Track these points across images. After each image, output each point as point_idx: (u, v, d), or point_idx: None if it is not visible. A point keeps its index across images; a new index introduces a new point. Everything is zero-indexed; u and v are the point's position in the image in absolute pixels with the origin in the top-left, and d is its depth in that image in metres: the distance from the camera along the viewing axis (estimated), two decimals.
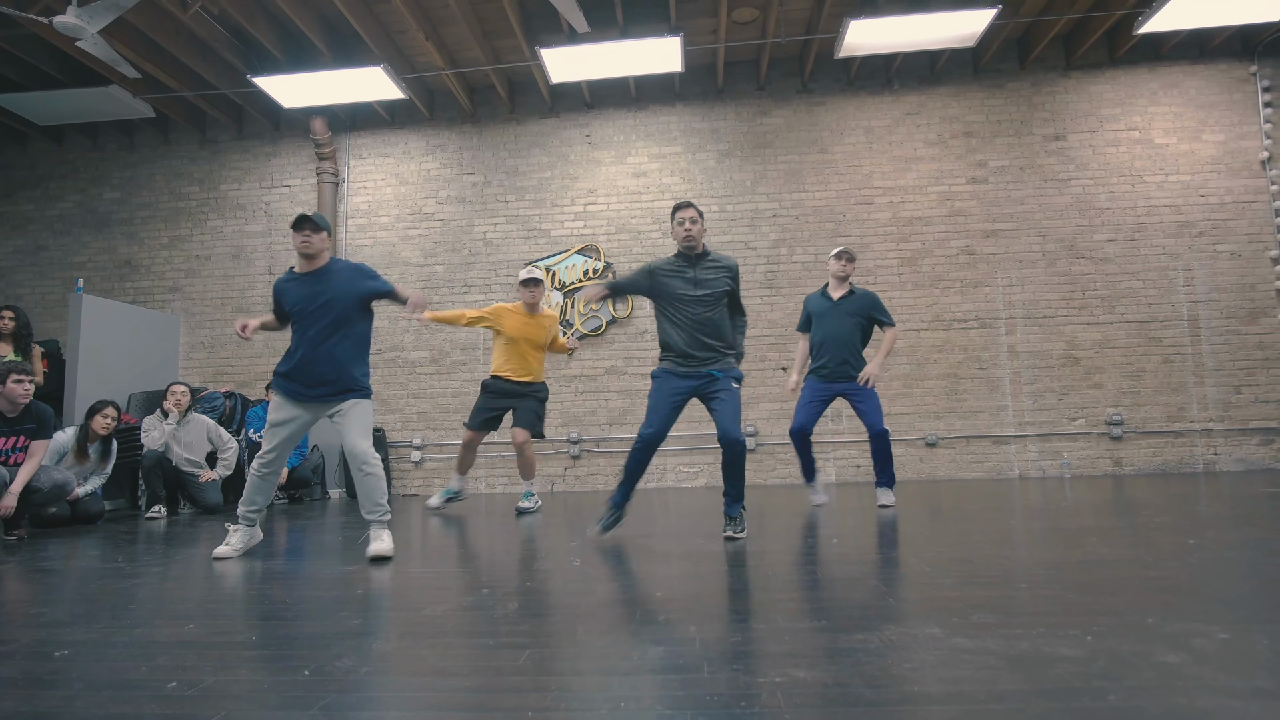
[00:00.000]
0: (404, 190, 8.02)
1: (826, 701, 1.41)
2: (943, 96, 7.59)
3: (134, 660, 1.80)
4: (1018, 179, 7.41)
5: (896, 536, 3.53)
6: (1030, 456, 7.09)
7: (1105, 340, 7.14)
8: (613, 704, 1.43)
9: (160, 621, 2.21)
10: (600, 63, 6.50)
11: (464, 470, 5.50)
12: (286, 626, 2.11)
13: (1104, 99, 7.42)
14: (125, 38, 6.30)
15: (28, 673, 1.73)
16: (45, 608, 2.49)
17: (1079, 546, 3.06)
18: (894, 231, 7.46)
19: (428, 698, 1.50)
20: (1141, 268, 7.19)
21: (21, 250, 8.41)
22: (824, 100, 7.70)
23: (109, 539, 4.42)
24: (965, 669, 1.56)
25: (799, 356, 5.18)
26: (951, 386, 7.23)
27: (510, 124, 7.98)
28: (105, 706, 1.48)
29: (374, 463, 3.50)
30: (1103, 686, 1.43)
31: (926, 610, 2.06)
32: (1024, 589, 2.31)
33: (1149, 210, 7.25)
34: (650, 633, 1.92)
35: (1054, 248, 7.29)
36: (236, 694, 1.54)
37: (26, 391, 4.47)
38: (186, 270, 8.15)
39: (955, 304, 7.31)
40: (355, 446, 3.47)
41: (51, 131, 8.34)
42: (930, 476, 7.14)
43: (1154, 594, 2.18)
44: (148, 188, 8.35)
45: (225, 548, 3.48)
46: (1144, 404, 7.05)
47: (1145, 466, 6.99)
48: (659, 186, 7.73)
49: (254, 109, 7.98)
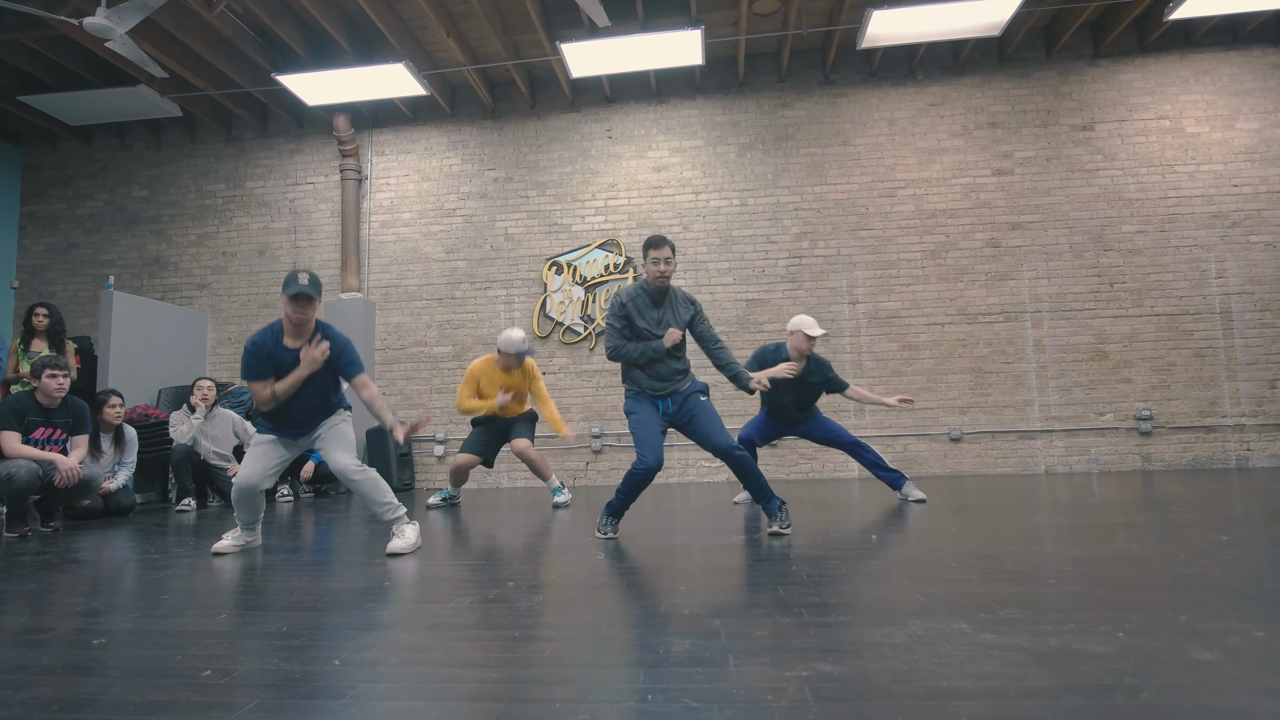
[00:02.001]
0: (426, 186, 8.07)
1: (853, 695, 1.40)
2: (967, 87, 7.49)
3: (168, 649, 1.84)
4: (1044, 170, 7.30)
5: (921, 532, 3.50)
6: (1057, 452, 7.00)
7: (1134, 333, 7.03)
8: (639, 696, 1.43)
9: (192, 611, 2.25)
10: (621, 56, 6.50)
11: (458, 485, 5.60)
12: (315, 618, 2.13)
13: (1133, 87, 7.28)
14: (153, 38, 6.39)
15: (67, 660, 1.77)
16: (82, 597, 2.54)
17: (1108, 542, 3.02)
18: (917, 224, 7.38)
19: (456, 689, 1.52)
20: (1172, 259, 7.06)
21: (54, 249, 8.57)
22: (846, 92, 7.63)
23: (140, 531, 4.50)
24: (993, 664, 1.55)
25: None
26: (976, 381, 7.15)
27: (531, 119, 8.00)
28: (142, 694, 1.52)
29: (357, 471, 3.43)
30: (1135, 684, 1.41)
31: (953, 605, 2.04)
32: (1052, 585, 2.29)
33: (1180, 201, 7.11)
34: (675, 626, 1.93)
35: (1081, 240, 7.18)
36: (269, 683, 1.56)
37: (61, 386, 4.56)
38: (213, 267, 8.27)
39: (980, 297, 7.23)
40: (338, 464, 3.44)
41: (81, 131, 8.50)
42: (954, 472, 7.08)
43: (1186, 591, 2.15)
44: (175, 186, 8.48)
45: (223, 542, 3.48)
46: (1174, 398, 6.93)
47: (1176, 462, 6.88)
48: (680, 180, 7.71)
49: (278, 107, 8.07)
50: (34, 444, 4.52)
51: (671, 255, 3.59)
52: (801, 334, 4.63)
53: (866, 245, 7.42)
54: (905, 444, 7.15)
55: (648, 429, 3.56)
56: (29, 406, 4.54)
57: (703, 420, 3.61)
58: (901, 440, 7.15)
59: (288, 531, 4.34)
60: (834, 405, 7.21)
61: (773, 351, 4.72)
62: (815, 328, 4.63)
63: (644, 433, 3.55)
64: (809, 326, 4.63)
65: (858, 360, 7.27)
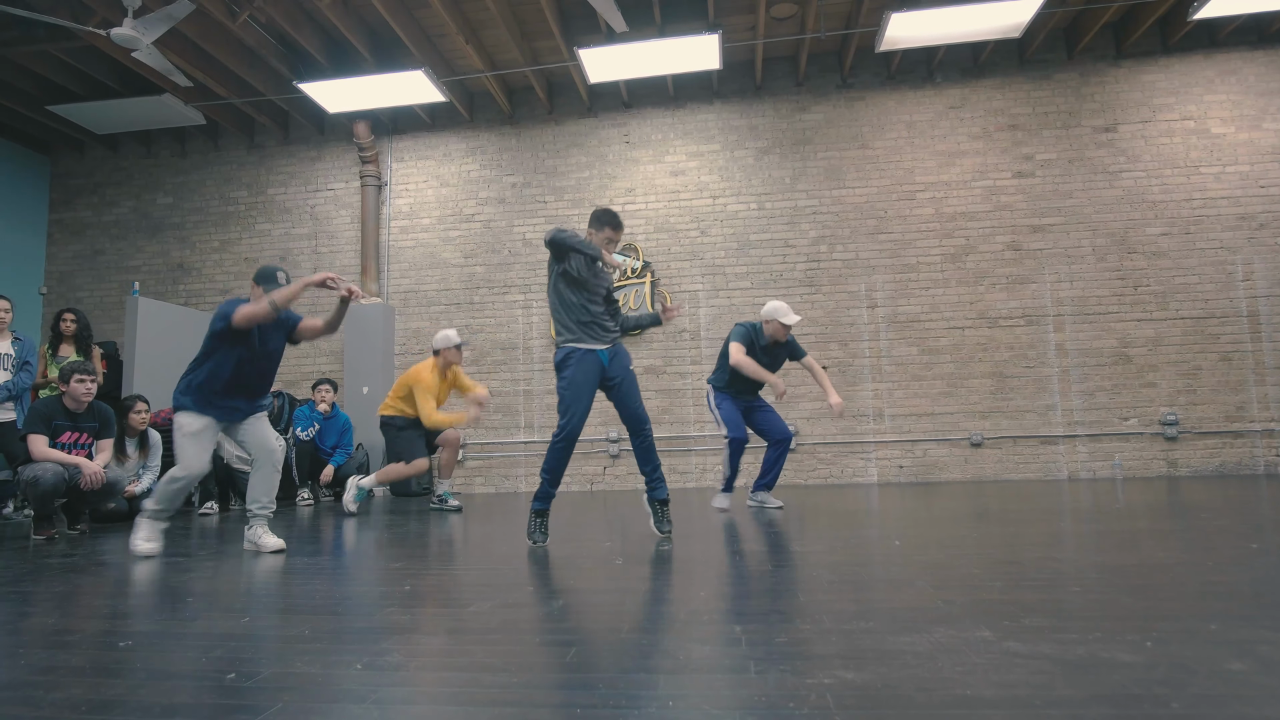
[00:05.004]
0: (445, 192, 8.13)
1: (876, 704, 1.39)
2: (987, 89, 7.44)
3: (194, 651, 1.86)
4: (1066, 172, 7.22)
5: (942, 538, 3.47)
6: (1080, 457, 6.91)
7: (1159, 337, 6.93)
8: (660, 702, 1.43)
9: (216, 614, 2.28)
10: (638, 62, 6.52)
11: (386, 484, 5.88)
12: (336, 621, 2.15)
13: (1157, 88, 7.20)
14: (177, 47, 6.50)
15: (95, 662, 1.79)
16: (108, 599, 2.58)
17: (1133, 550, 2.98)
18: (937, 227, 7.33)
19: (477, 693, 1.52)
20: (1198, 262, 6.96)
21: (81, 255, 8.73)
22: (864, 95, 7.60)
23: (164, 534, 4.55)
24: (1019, 673, 1.53)
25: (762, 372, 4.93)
26: (997, 385, 7.08)
27: (549, 125, 8.04)
28: (169, 695, 1.53)
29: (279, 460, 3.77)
30: (1164, 694, 1.39)
31: (976, 613, 2.02)
32: (1077, 592, 2.25)
33: (1205, 203, 7.01)
34: (695, 632, 1.92)
35: (1104, 242, 7.10)
36: (293, 685, 1.58)
37: (89, 390, 4.63)
38: (236, 273, 8.38)
39: (1001, 301, 7.16)
40: (268, 444, 3.74)
41: (108, 140, 8.65)
42: (975, 477, 7.01)
43: (1215, 599, 2.11)
44: (199, 193, 8.60)
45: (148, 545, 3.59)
46: (1200, 403, 6.82)
47: (1202, 468, 6.77)
48: (697, 184, 7.71)
49: (300, 114, 8.16)
50: (61, 447, 4.59)
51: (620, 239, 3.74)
52: (777, 322, 4.84)
53: (885, 249, 7.37)
54: (925, 449, 7.09)
55: (579, 394, 3.53)
56: (57, 410, 4.62)
57: (632, 386, 3.68)
58: (921, 445, 7.09)
59: (308, 535, 4.37)
60: (857, 409, 7.17)
61: (756, 331, 4.92)
62: (790, 314, 4.85)
63: (574, 396, 3.52)
64: (783, 314, 4.84)
65: (876, 364, 7.23)
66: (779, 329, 4.86)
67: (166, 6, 5.38)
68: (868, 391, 7.21)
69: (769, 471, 4.99)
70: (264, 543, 3.58)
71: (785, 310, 4.84)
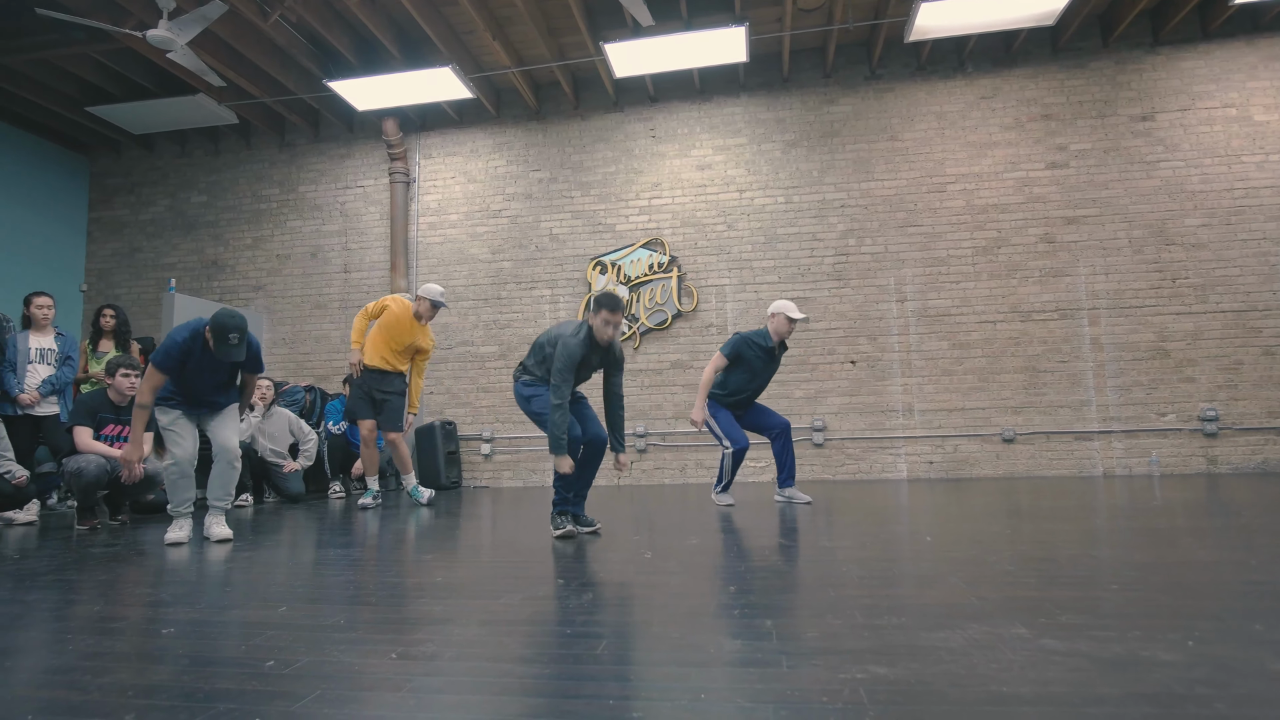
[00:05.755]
0: (472, 188, 8.18)
1: (910, 699, 1.38)
2: (1019, 78, 7.31)
3: (233, 639, 1.90)
4: (1101, 162, 7.08)
5: (974, 534, 3.43)
6: (1115, 453, 6.78)
7: (1198, 331, 6.77)
8: (692, 695, 1.43)
9: (254, 603, 2.32)
10: (664, 55, 6.50)
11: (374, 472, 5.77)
12: (371, 611, 2.18)
13: (1196, 75, 7.02)
14: (210, 47, 6.61)
15: (139, 648, 1.84)
16: (149, 588, 2.64)
17: (1172, 547, 2.92)
18: (968, 220, 7.23)
19: (511, 684, 1.54)
20: (1239, 253, 6.78)
21: (119, 253, 8.92)
22: (893, 86, 7.50)
23: (200, 525, 4.65)
24: (1056, 670, 1.51)
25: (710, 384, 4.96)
26: (1030, 380, 6.97)
27: (575, 120, 8.05)
28: (211, 682, 1.57)
29: (237, 458, 4.01)
30: (1207, 694, 1.36)
31: (1010, 609, 2.00)
32: (1114, 590, 2.22)
33: (1247, 192, 6.83)
34: (725, 626, 1.92)
35: (1141, 234, 6.94)
36: (329, 674, 1.60)
37: (132, 385, 4.75)
38: (268, 269, 8.51)
39: (1034, 294, 7.04)
40: (228, 442, 3.93)
41: (144, 140, 8.83)
42: (1007, 473, 6.91)
43: (1258, 599, 2.06)
44: (231, 191, 8.75)
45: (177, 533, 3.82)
46: (1242, 398, 6.66)
47: (1243, 465, 6.60)
48: (724, 178, 7.68)
49: (329, 112, 8.26)
50: (104, 440, 4.71)
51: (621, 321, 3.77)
52: (783, 316, 4.85)
53: (915, 242, 7.28)
54: (955, 445, 7.01)
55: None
56: (102, 404, 4.74)
57: (587, 408, 3.89)
58: (952, 441, 7.01)
59: (339, 527, 4.44)
60: (886, 404, 7.10)
61: (757, 338, 4.90)
62: (796, 310, 4.85)
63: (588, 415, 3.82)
64: (791, 310, 4.84)
65: (906, 359, 7.15)
66: (783, 324, 4.86)
67: (200, 7, 5.47)
68: (897, 386, 7.14)
69: (785, 465, 5.02)
70: (212, 531, 3.83)
71: (792, 307, 4.86)
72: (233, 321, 3.63)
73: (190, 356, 3.72)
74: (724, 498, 5.04)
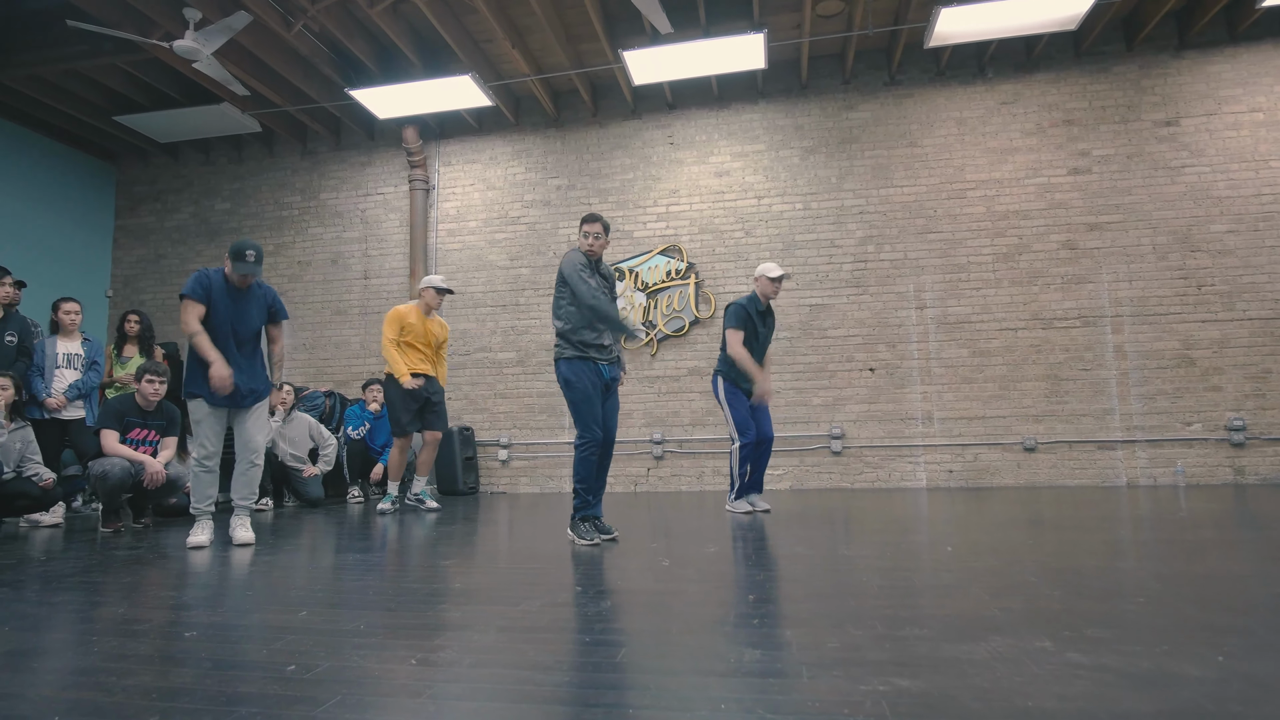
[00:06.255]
0: (491, 195, 8.23)
1: (932, 712, 1.36)
2: (1041, 83, 7.25)
3: (254, 643, 1.92)
4: (1124, 168, 6.99)
5: (996, 545, 3.39)
6: (1139, 463, 6.68)
7: (1225, 339, 6.66)
8: (713, 705, 1.42)
9: (275, 608, 2.34)
10: (683, 63, 6.52)
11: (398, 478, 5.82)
12: (391, 617, 2.19)
13: (1223, 79, 6.92)
14: (234, 57, 6.71)
15: (162, 651, 1.86)
16: (172, 591, 2.67)
17: (1200, 560, 2.86)
18: (988, 226, 7.16)
19: (530, 690, 1.54)
20: (1267, 260, 6.67)
21: (144, 259, 9.06)
22: (912, 92, 7.47)
23: (221, 528, 4.69)
24: (1082, 685, 1.48)
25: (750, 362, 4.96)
26: (1051, 388, 6.88)
27: (593, 127, 8.08)
28: (232, 685, 1.58)
29: (260, 457, 4.04)
30: (1240, 711, 1.34)
31: (1034, 622, 1.97)
32: (1141, 603, 2.18)
33: (1275, 198, 6.72)
34: (745, 636, 1.91)
35: (1166, 240, 6.85)
36: (350, 679, 1.61)
37: (158, 391, 4.82)
38: (290, 276, 8.61)
39: (1055, 301, 6.96)
40: (254, 441, 4.00)
41: (169, 148, 8.97)
42: (1028, 483, 6.83)
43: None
44: (254, 198, 8.86)
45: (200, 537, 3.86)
46: (1270, 407, 6.54)
47: (1272, 475, 6.48)
48: (742, 185, 7.67)
49: (351, 121, 8.35)
50: (130, 443, 4.78)
51: (602, 232, 3.89)
52: (765, 278, 5.00)
53: (935, 248, 7.23)
54: (976, 453, 6.93)
55: (591, 403, 3.75)
56: (129, 408, 4.81)
57: (616, 401, 3.94)
58: (972, 449, 6.94)
59: (359, 532, 4.47)
60: (905, 412, 7.05)
61: (748, 304, 4.98)
62: (775, 269, 4.99)
63: (588, 407, 3.73)
64: (770, 269, 4.99)
65: (925, 366, 7.09)
66: (766, 285, 5.00)
67: (225, 19, 5.56)
68: (916, 394, 7.08)
69: (756, 471, 5.06)
70: (235, 534, 3.88)
71: (772, 266, 5.00)
72: (249, 241, 3.86)
73: (213, 288, 3.82)
74: (739, 505, 5.01)
